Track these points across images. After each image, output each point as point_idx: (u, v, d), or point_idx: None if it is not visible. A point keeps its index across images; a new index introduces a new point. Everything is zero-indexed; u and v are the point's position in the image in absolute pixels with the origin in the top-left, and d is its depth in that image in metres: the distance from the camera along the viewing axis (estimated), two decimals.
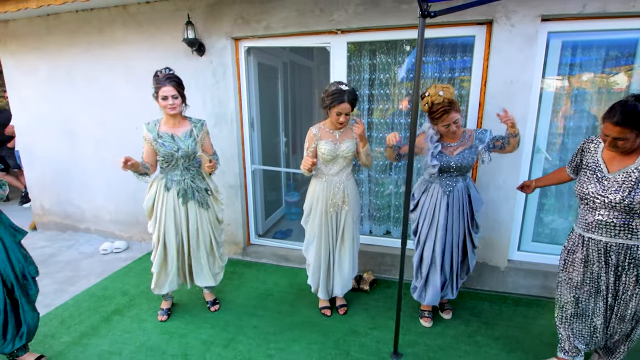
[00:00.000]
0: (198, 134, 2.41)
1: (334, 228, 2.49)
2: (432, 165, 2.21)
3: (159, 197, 2.40)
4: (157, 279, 2.51)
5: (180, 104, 2.31)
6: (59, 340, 2.41)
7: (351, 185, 2.49)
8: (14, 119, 4.24)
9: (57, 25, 3.60)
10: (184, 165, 2.37)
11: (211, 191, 2.54)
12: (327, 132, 2.42)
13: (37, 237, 4.24)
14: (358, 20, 2.73)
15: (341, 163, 2.42)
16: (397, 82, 3.07)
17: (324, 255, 2.53)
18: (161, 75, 2.27)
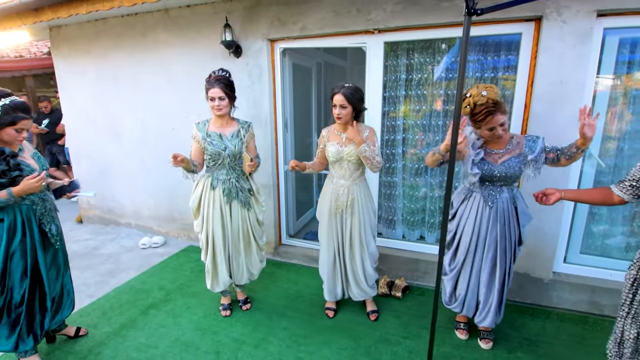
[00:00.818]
0: (245, 134, 2.45)
1: (339, 231, 2.47)
2: (473, 174, 2.08)
3: (205, 195, 2.45)
4: (211, 278, 2.58)
5: (226, 105, 2.34)
6: (101, 330, 2.53)
7: (359, 188, 2.41)
8: (64, 118, 4.52)
9: (104, 30, 3.79)
10: (230, 165, 2.42)
11: (253, 192, 2.57)
12: (334, 133, 2.40)
13: (83, 230, 4.49)
14: (396, 20, 2.66)
15: (346, 166, 2.37)
16: (434, 82, 2.97)
17: (329, 256, 2.53)
18: (212, 77, 2.32)
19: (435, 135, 3.03)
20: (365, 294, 2.58)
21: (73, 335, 2.43)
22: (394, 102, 3.07)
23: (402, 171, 3.18)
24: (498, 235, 2.15)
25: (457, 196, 2.29)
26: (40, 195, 2.06)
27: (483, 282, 2.23)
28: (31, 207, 2.01)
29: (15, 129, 1.87)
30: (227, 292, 2.76)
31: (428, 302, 2.81)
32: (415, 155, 3.16)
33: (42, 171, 1.87)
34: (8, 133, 1.87)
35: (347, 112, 2.24)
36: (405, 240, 3.27)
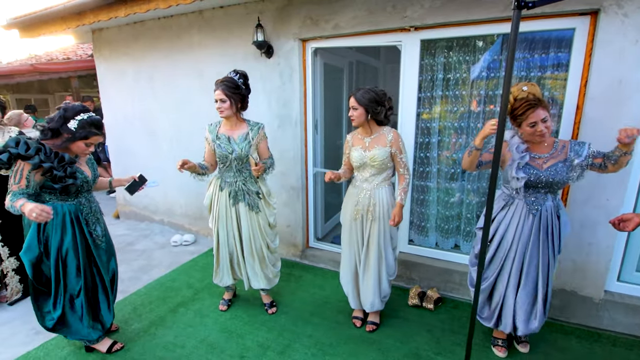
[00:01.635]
0: (253, 137, 2.43)
1: (359, 237, 2.39)
2: (517, 178, 1.93)
3: (215, 195, 2.52)
4: (214, 271, 2.69)
5: (228, 107, 2.31)
6: (131, 326, 2.58)
7: (381, 194, 2.31)
8: (104, 117, 4.71)
9: (142, 32, 3.90)
10: (237, 167, 2.42)
11: (263, 195, 2.53)
12: (358, 138, 2.34)
13: (120, 226, 4.67)
14: (434, 16, 2.52)
15: (369, 170, 2.29)
16: (472, 82, 2.79)
17: (350, 262, 2.47)
18: (218, 80, 2.35)
19: (473, 138, 2.85)
20: (372, 305, 2.45)
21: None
22: (429, 103, 2.92)
23: (436, 176, 3.03)
24: (541, 246, 2.02)
25: (496, 202, 2.14)
26: (87, 197, 2.15)
27: (526, 293, 2.08)
28: (78, 207, 2.09)
29: (86, 143, 1.98)
30: (231, 288, 2.80)
31: (462, 316, 2.65)
32: (450, 158, 2.99)
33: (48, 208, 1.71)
34: (78, 146, 1.98)
35: (358, 114, 2.21)
36: (438, 248, 3.10)
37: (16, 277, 2.90)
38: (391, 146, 2.24)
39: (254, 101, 3.38)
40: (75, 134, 1.92)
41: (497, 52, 2.76)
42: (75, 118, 1.92)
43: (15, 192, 1.83)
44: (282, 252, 3.65)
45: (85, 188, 2.11)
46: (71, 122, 1.92)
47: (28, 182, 1.86)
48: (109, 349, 2.30)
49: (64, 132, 1.93)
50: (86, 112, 1.96)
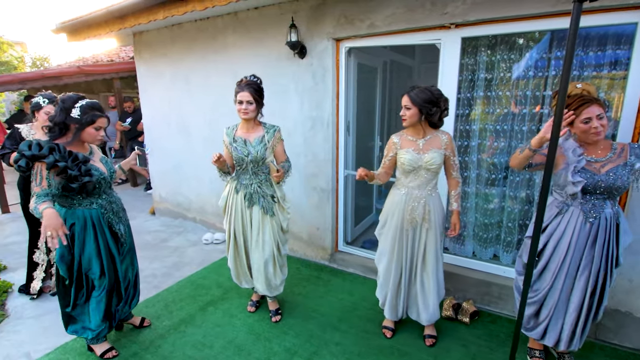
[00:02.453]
0: (269, 140, 2.40)
1: (410, 246, 2.25)
2: (574, 183, 1.77)
3: (230, 197, 2.52)
4: (236, 273, 2.68)
5: (253, 110, 2.33)
6: (162, 323, 2.63)
7: (435, 200, 2.20)
8: (143, 117, 4.89)
9: (179, 35, 3.99)
10: (252, 170, 2.41)
11: (277, 199, 2.50)
12: (409, 140, 2.18)
13: (155, 222, 4.82)
14: (477, 12, 2.37)
15: (423, 175, 2.15)
16: (516, 82, 2.61)
17: (395, 272, 2.31)
18: (243, 81, 2.35)
19: (517, 142, 2.67)
20: (432, 317, 2.33)
21: (138, 325, 2.56)
22: (469, 104, 2.76)
23: (475, 181, 2.86)
24: (595, 256, 1.86)
25: (548, 210, 1.96)
26: (107, 199, 2.16)
27: (573, 307, 1.92)
28: (100, 210, 2.10)
29: (94, 127, 1.98)
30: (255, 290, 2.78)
31: (501, 331, 2.48)
32: (491, 163, 2.82)
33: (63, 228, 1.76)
34: (89, 133, 1.99)
35: (411, 114, 2.08)
36: (475, 258, 2.93)
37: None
38: (446, 149, 2.13)
39: (286, 102, 3.37)
40: (82, 120, 1.91)
41: (545, 49, 2.56)
42: (75, 106, 1.91)
43: (39, 193, 1.82)
44: (312, 254, 3.61)
45: (103, 186, 2.11)
46: (73, 110, 1.91)
47: (49, 183, 1.86)
48: (103, 354, 2.26)
49: (71, 122, 1.92)
50: (82, 99, 1.95)
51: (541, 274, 2.00)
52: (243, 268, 2.63)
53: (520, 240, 2.84)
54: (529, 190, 2.75)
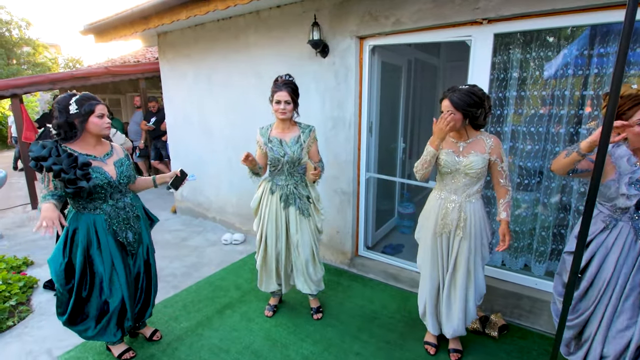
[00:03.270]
0: (305, 140, 2.36)
1: (444, 254, 2.10)
2: (628, 196, 1.60)
3: (265, 198, 2.47)
4: (259, 277, 2.64)
5: (291, 110, 2.31)
6: (180, 324, 2.61)
7: (473, 208, 2.02)
8: (167, 117, 4.94)
9: (202, 35, 4.00)
10: (288, 171, 2.37)
11: (313, 200, 2.45)
12: (450, 141, 2.05)
13: (176, 221, 4.87)
14: (512, 6, 2.21)
15: (461, 180, 2.00)
16: (553, 81, 2.43)
17: (431, 280, 2.17)
18: (280, 81, 2.31)
19: (553, 145, 2.49)
20: (456, 331, 2.18)
21: (148, 337, 2.45)
22: (500, 104, 2.60)
23: None
24: None
25: (593, 224, 1.77)
26: (114, 205, 2.05)
27: (615, 330, 1.73)
28: (103, 217, 2.01)
29: (96, 115, 1.93)
30: (277, 293, 2.74)
31: (532, 348, 2.31)
32: (524, 167, 2.64)
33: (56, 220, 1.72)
34: (93, 122, 1.93)
35: (456, 119, 1.92)
36: (505, 268, 2.76)
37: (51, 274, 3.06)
38: (491, 153, 1.97)
39: (307, 102, 3.30)
40: (81, 112, 1.89)
41: (585, 45, 2.38)
42: (70, 102, 1.89)
43: (45, 194, 1.84)
44: (331, 258, 3.52)
45: (108, 191, 2.01)
46: (70, 107, 1.88)
47: (55, 185, 1.86)
48: (121, 355, 2.26)
49: (73, 118, 1.89)
50: (73, 95, 1.93)
51: (584, 294, 1.81)
52: (271, 272, 2.57)
53: (554, 250, 2.65)
54: (564, 197, 2.56)
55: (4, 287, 2.91)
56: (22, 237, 4.41)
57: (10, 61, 20.17)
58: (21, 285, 3.05)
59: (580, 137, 2.39)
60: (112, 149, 2.11)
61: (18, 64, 20.41)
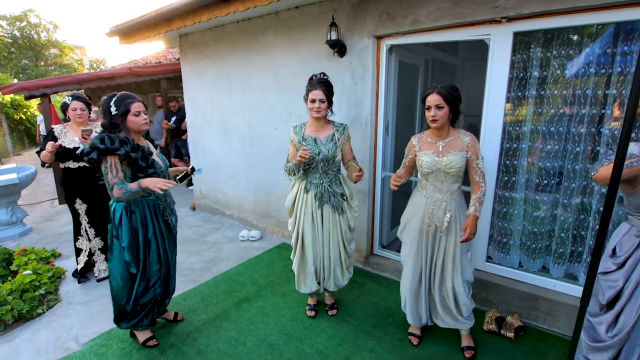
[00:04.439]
0: (339, 138, 2.39)
1: (429, 250, 2.16)
2: None
3: (299, 198, 2.47)
4: (298, 278, 2.62)
5: (325, 109, 2.34)
6: (198, 317, 2.70)
7: (456, 204, 2.09)
8: (187, 116, 5.07)
9: (222, 36, 4.10)
10: (322, 169, 2.38)
11: (347, 197, 2.47)
12: (427, 142, 2.09)
13: (195, 217, 4.99)
14: (531, 4, 2.19)
15: (443, 178, 2.05)
16: (574, 80, 2.39)
17: (413, 277, 2.24)
18: (315, 80, 2.35)
19: (574, 146, 2.45)
20: (458, 324, 2.23)
21: (172, 319, 2.63)
22: (519, 104, 2.58)
23: (524, 187, 2.66)
24: None
25: (627, 240, 1.69)
26: (164, 191, 2.23)
27: None
28: (156, 201, 2.24)
29: (133, 113, 2.09)
30: (315, 293, 2.71)
31: (549, 351, 2.29)
32: (543, 168, 2.61)
33: (170, 180, 2.04)
34: (132, 121, 2.10)
35: (444, 113, 1.98)
36: (522, 269, 2.73)
37: (102, 256, 3.23)
38: (467, 151, 2.02)
39: None
40: (120, 111, 2.06)
41: (608, 44, 2.33)
42: (110, 104, 2.06)
43: (118, 183, 2.01)
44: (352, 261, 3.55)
45: (159, 177, 2.20)
46: (111, 108, 2.06)
47: (124, 174, 2.05)
48: (145, 342, 2.37)
49: (115, 118, 2.07)
50: (114, 96, 2.10)
51: (619, 315, 1.72)
52: (310, 272, 2.56)
53: (573, 252, 2.61)
54: (585, 198, 2.51)
55: (34, 276, 3.06)
56: (50, 230, 4.62)
57: (38, 63, 21.03)
58: (50, 275, 3.21)
59: (602, 138, 2.35)
60: (148, 145, 2.28)
61: (46, 65, 21.25)
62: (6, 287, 2.83)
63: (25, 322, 2.71)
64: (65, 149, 3.01)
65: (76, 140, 3.03)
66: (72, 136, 3.06)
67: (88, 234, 3.19)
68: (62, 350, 2.40)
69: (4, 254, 3.49)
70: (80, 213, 3.16)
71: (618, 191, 1.29)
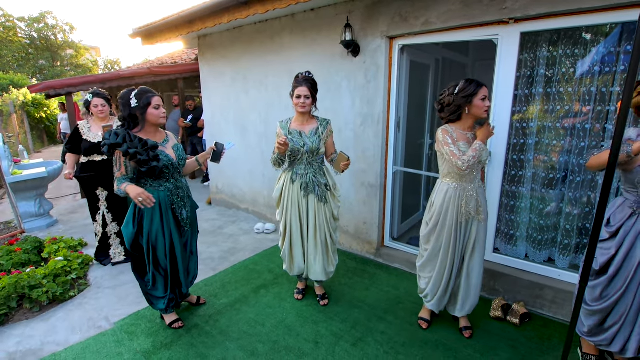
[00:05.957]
0: (323, 132, 2.55)
1: (463, 240, 2.26)
2: None
3: (286, 188, 2.63)
4: (288, 262, 2.80)
5: (310, 104, 2.50)
6: (219, 300, 2.87)
7: (483, 193, 2.26)
8: (204, 114, 5.27)
9: (239, 37, 4.27)
10: (307, 160, 2.54)
11: (330, 187, 2.62)
12: (462, 134, 2.18)
13: (211, 211, 5.19)
14: (538, 6, 2.31)
15: (476, 168, 2.18)
16: (581, 78, 2.50)
17: (448, 268, 2.29)
18: (300, 77, 2.51)
19: (579, 141, 2.56)
20: (472, 305, 2.37)
21: (195, 303, 2.80)
22: (526, 101, 2.69)
23: (531, 181, 2.77)
24: None
25: (620, 211, 1.89)
26: (175, 184, 2.35)
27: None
28: (166, 193, 2.30)
29: (153, 107, 2.20)
30: (303, 277, 2.89)
31: (554, 336, 2.40)
32: (549, 163, 2.72)
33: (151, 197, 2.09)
34: (151, 113, 2.21)
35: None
36: (528, 260, 2.84)
37: (117, 240, 3.46)
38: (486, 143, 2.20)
39: (338, 99, 3.49)
40: (141, 105, 2.16)
41: (613, 43, 2.43)
42: (131, 97, 2.16)
43: (119, 178, 2.15)
44: (357, 248, 3.70)
45: (171, 171, 2.28)
46: (131, 101, 2.16)
47: (127, 168, 2.16)
48: (171, 324, 2.53)
49: (135, 111, 2.16)
50: (134, 90, 2.19)
51: (612, 280, 1.90)
52: (297, 256, 2.72)
53: (579, 244, 2.71)
54: (590, 192, 2.61)
55: (66, 262, 3.27)
56: (75, 222, 4.85)
57: (55, 63, 21.62)
58: (79, 262, 3.41)
59: (607, 133, 2.45)
60: (167, 136, 2.40)
61: (62, 65, 21.84)
62: (40, 272, 3.04)
63: (59, 303, 2.92)
64: (90, 144, 3.24)
65: (99, 135, 3.25)
66: (95, 131, 3.28)
67: (106, 218, 3.42)
68: (95, 329, 2.59)
69: (35, 243, 3.72)
70: (100, 199, 3.39)
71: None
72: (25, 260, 3.41)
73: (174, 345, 2.38)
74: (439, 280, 2.35)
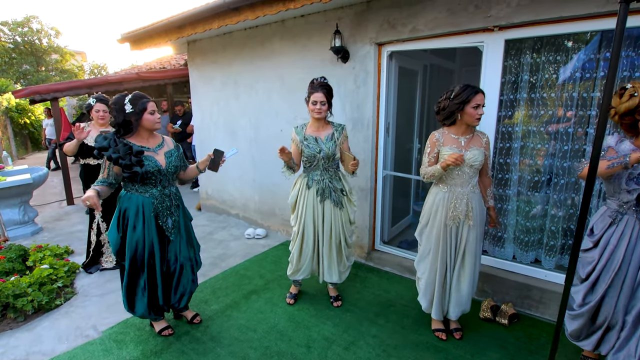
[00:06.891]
0: (338, 137, 2.56)
1: (453, 243, 2.27)
2: (629, 191, 1.75)
3: (302, 194, 2.63)
4: (293, 267, 2.77)
5: (326, 110, 2.51)
6: (210, 307, 2.85)
7: (476, 198, 2.24)
8: (193, 119, 5.25)
9: (230, 42, 4.28)
10: (323, 166, 2.55)
11: (346, 192, 2.64)
12: (451, 137, 2.21)
13: (201, 217, 5.14)
14: (521, 14, 2.39)
15: (466, 172, 2.19)
16: (562, 84, 2.58)
17: (440, 271, 2.31)
18: (316, 83, 2.52)
19: (562, 144, 2.63)
20: (462, 310, 2.39)
21: (189, 320, 2.65)
22: (511, 106, 2.76)
23: (517, 184, 2.84)
24: None
25: (601, 221, 1.93)
26: (162, 191, 2.27)
27: (631, 318, 1.87)
28: (151, 200, 2.22)
29: (148, 112, 2.18)
30: (299, 283, 2.92)
31: (541, 335, 2.44)
32: (534, 166, 2.79)
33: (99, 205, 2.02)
34: (147, 119, 2.18)
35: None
36: (515, 261, 2.90)
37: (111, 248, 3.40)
38: (485, 149, 2.23)
39: None
40: (136, 110, 2.13)
41: (594, 50, 2.52)
42: (125, 102, 2.13)
43: (98, 180, 2.16)
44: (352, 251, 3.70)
45: (158, 177, 2.21)
46: (126, 107, 2.12)
47: (108, 173, 2.15)
48: (161, 331, 2.48)
49: (129, 117, 2.13)
50: (124, 96, 2.16)
51: (593, 286, 1.95)
52: (307, 260, 2.70)
53: (564, 245, 2.78)
54: (574, 194, 2.69)
55: (51, 270, 3.20)
56: (60, 229, 4.76)
57: (39, 68, 21.22)
58: (66, 270, 3.34)
59: (588, 137, 2.53)
60: (163, 141, 2.36)
61: (47, 71, 21.44)
62: (25, 280, 2.97)
63: (44, 312, 2.85)
64: (87, 147, 3.21)
65: None
66: (94, 135, 3.25)
67: (100, 227, 3.36)
68: (83, 338, 2.54)
69: (19, 251, 3.63)
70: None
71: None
72: (9, 269, 3.32)
73: (164, 352, 2.35)
74: (432, 282, 2.37)
